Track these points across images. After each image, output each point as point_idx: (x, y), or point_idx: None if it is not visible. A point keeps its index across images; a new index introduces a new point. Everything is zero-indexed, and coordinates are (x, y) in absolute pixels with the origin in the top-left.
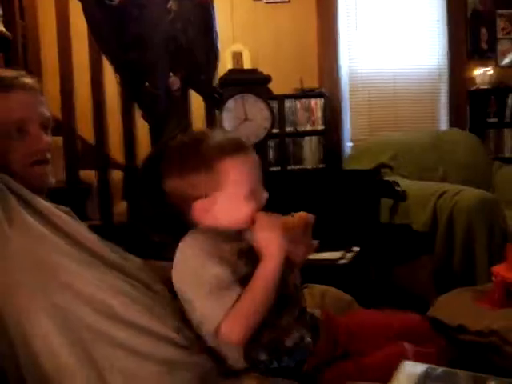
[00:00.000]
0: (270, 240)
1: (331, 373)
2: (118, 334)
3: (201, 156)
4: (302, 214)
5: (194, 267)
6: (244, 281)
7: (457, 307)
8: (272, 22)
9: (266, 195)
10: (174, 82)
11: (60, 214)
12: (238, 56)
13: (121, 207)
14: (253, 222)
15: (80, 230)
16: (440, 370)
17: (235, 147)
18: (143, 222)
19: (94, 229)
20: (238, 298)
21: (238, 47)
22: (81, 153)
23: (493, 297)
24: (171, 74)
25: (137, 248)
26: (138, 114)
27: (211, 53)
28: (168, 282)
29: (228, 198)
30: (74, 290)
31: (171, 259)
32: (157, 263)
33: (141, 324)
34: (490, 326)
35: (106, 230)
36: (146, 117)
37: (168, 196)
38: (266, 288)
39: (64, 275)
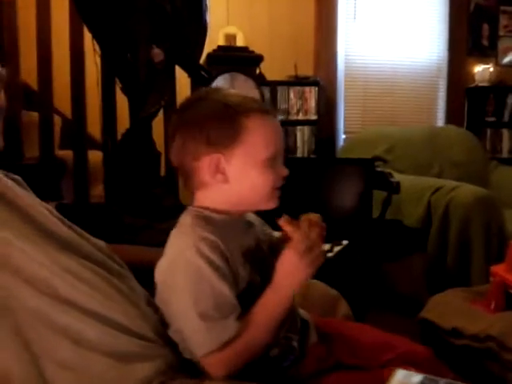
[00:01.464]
0: (297, 270)
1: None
2: (60, 318)
3: (224, 106)
4: (310, 216)
5: (190, 276)
6: (248, 289)
7: (451, 309)
8: (268, 5)
9: (286, 172)
10: (157, 54)
11: (6, 182)
12: (231, 38)
13: (100, 189)
14: (286, 237)
15: (30, 201)
16: (440, 381)
17: (264, 107)
18: (118, 202)
19: (62, 207)
20: (237, 331)
21: (231, 29)
22: (61, 130)
23: (490, 299)
24: (154, 45)
25: (110, 230)
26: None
27: (199, 27)
28: (130, 267)
29: (244, 158)
30: (12, 265)
31: (143, 243)
32: (125, 247)
33: (89, 308)
34: (487, 331)
35: (76, 209)
36: (125, 90)
37: (173, 159)
38: (269, 325)
39: (3, 248)
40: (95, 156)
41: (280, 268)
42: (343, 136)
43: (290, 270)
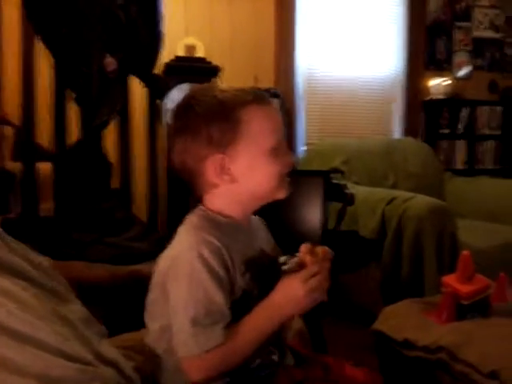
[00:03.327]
0: (296, 297)
1: None
2: None
3: (219, 103)
4: (325, 248)
5: (187, 278)
6: (242, 299)
7: (402, 320)
8: (228, 17)
9: (292, 158)
10: (110, 62)
11: None
12: (190, 49)
13: (51, 204)
14: (302, 263)
15: None
16: None
17: (258, 97)
18: (68, 216)
19: (8, 222)
20: (222, 339)
21: (191, 40)
22: (14, 142)
23: (442, 309)
24: (108, 54)
25: (57, 246)
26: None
27: (154, 36)
28: (75, 285)
29: (248, 152)
30: None
31: (92, 259)
32: (69, 264)
33: (18, 330)
34: (438, 342)
35: (22, 224)
36: (78, 99)
37: (175, 163)
38: (254, 341)
39: None
40: (46, 167)
41: (280, 289)
42: (303, 148)
43: (290, 295)
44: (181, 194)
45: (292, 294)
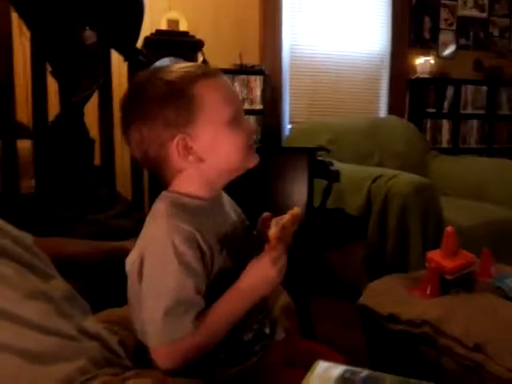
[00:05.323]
0: (266, 277)
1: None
2: None
3: (168, 85)
4: (294, 211)
5: (158, 267)
6: (219, 276)
7: (388, 295)
8: None
9: (252, 126)
10: (89, 35)
11: None
12: (173, 24)
13: (31, 180)
14: (265, 236)
15: None
16: (362, 373)
17: (207, 71)
18: (49, 193)
19: None
20: (192, 329)
21: (174, 15)
22: None
23: (426, 284)
24: (87, 27)
25: (39, 223)
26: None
27: (135, 8)
28: (57, 261)
29: (208, 128)
30: None
31: (74, 236)
32: (52, 240)
33: (1, 308)
34: (422, 316)
35: (4, 201)
36: (55, 73)
37: (136, 155)
38: (225, 326)
39: None
40: (26, 145)
41: (252, 271)
42: (289, 126)
43: (263, 276)
44: None
45: (264, 275)
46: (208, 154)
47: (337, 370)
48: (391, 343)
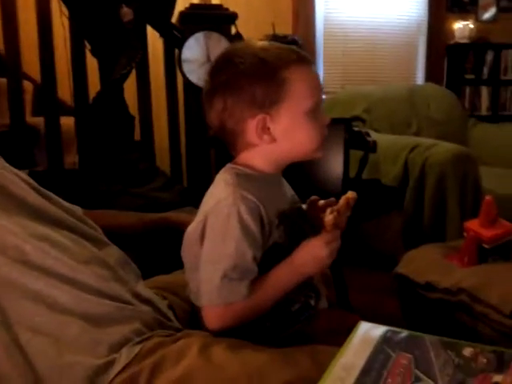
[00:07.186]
0: (319, 258)
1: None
2: (32, 284)
3: (263, 63)
4: (348, 195)
5: (221, 232)
6: (272, 249)
7: (425, 264)
8: None
9: (328, 119)
10: (126, 13)
11: None
12: None
13: (74, 156)
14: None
15: None
16: (403, 333)
17: (301, 57)
18: (93, 168)
19: (35, 175)
20: (245, 295)
21: None
22: (33, 97)
23: (464, 253)
24: (123, 4)
25: (85, 197)
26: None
27: None
28: (107, 233)
29: (290, 113)
30: None
31: (119, 208)
32: (100, 212)
33: (61, 273)
34: (459, 284)
35: (50, 176)
36: (94, 52)
37: (213, 122)
38: (274, 296)
39: None
40: (68, 122)
41: (305, 248)
42: (323, 96)
43: (314, 255)
44: (200, 146)
45: (315, 254)
46: (282, 137)
47: (379, 330)
48: (428, 311)
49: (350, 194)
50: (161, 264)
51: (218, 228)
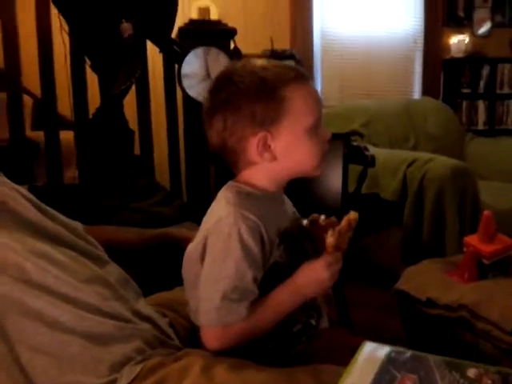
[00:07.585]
0: (319, 281)
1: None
2: (33, 303)
3: (263, 81)
4: (350, 216)
5: (222, 251)
6: (272, 269)
7: (425, 280)
8: None
9: (329, 134)
10: (126, 28)
11: None
12: (204, 12)
13: (74, 170)
14: (322, 240)
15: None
16: (407, 353)
17: (299, 74)
18: (92, 183)
19: (35, 190)
20: (244, 316)
21: (204, 2)
22: (33, 111)
23: (464, 269)
24: (123, 19)
25: (85, 212)
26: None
27: None
28: (105, 248)
29: (290, 131)
30: None
31: (119, 224)
32: (100, 228)
33: (61, 292)
34: (460, 300)
35: (49, 191)
36: (94, 67)
37: (214, 141)
38: (274, 319)
39: None
40: (68, 136)
41: (306, 270)
42: None
43: (315, 277)
44: (199, 161)
45: (316, 276)
46: (283, 155)
47: (383, 350)
48: (429, 327)
49: (353, 215)
50: (161, 280)
51: (219, 248)
